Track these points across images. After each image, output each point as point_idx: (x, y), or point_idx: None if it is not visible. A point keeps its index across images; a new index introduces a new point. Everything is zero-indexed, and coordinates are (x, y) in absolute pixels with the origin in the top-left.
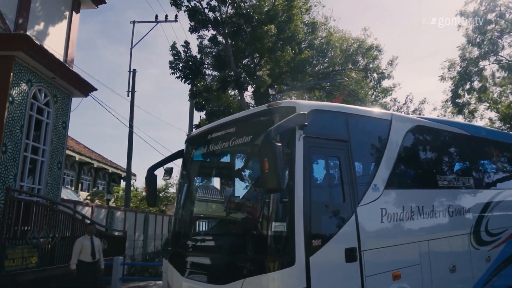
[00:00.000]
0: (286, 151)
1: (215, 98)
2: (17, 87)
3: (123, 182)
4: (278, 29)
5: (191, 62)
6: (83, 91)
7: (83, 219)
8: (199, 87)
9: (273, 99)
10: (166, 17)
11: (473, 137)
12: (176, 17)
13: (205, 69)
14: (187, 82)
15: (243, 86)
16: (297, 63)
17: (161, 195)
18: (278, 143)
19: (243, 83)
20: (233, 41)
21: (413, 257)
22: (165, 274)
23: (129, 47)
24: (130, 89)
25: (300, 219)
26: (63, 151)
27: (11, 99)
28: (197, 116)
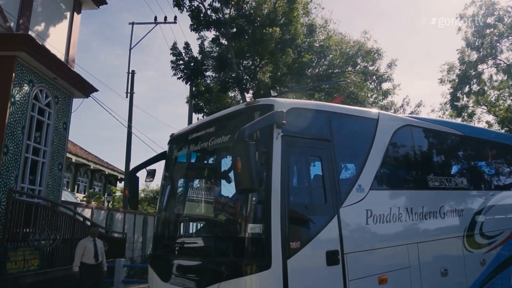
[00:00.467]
0: (263, 150)
1: (215, 99)
2: (19, 87)
3: (119, 183)
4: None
5: (192, 62)
6: (84, 92)
7: (84, 220)
8: (200, 88)
9: None
10: (165, 18)
11: (467, 137)
12: (175, 18)
13: (206, 71)
14: (188, 83)
15: (245, 87)
16: (297, 66)
17: (158, 197)
18: (252, 142)
19: (245, 85)
20: (235, 42)
21: (401, 260)
22: (149, 278)
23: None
24: (128, 90)
25: (277, 221)
26: (63, 152)
27: (12, 99)
28: (196, 117)
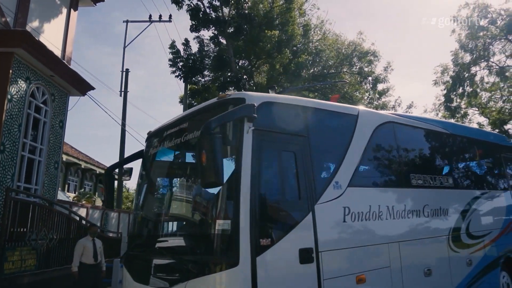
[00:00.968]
0: (233, 144)
1: (212, 98)
2: (16, 84)
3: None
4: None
5: (191, 60)
6: (81, 90)
7: (80, 220)
8: (197, 88)
9: None
10: (160, 17)
11: (453, 136)
12: (170, 17)
13: (204, 69)
14: (187, 80)
15: (243, 86)
16: (293, 66)
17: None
18: (218, 135)
19: (243, 84)
20: (233, 41)
21: (381, 259)
22: (123, 278)
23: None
24: (123, 89)
25: (246, 217)
26: (60, 150)
27: (9, 97)
28: None
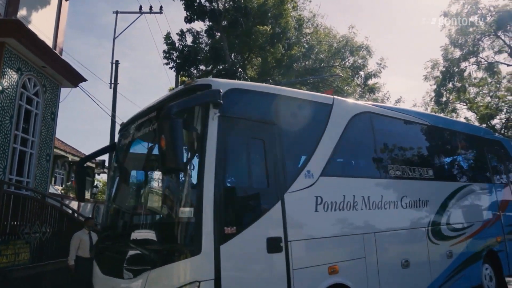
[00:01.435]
0: (198, 130)
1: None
2: (7, 75)
3: (97, 176)
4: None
5: (186, 50)
6: (73, 81)
7: (73, 213)
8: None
9: None
10: (150, 8)
11: (434, 127)
12: (161, 8)
13: (199, 61)
14: (180, 72)
15: (238, 79)
16: (286, 59)
17: None
18: (178, 119)
19: (238, 77)
20: (227, 34)
21: (355, 250)
22: (93, 271)
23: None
24: (112, 81)
25: (209, 204)
26: (51, 143)
27: (0, 88)
28: None
